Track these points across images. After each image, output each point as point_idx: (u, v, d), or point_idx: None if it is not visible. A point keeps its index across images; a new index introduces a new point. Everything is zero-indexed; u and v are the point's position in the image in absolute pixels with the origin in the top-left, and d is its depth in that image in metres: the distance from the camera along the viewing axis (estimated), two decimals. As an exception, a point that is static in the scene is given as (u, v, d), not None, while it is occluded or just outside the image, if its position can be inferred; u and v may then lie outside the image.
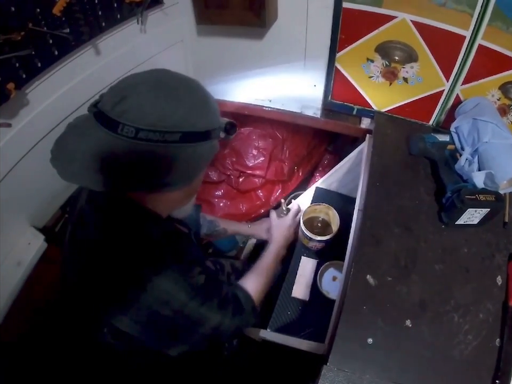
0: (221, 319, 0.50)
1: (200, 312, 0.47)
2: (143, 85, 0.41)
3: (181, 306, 0.45)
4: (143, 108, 0.39)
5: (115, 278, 0.44)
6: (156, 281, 0.43)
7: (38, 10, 0.54)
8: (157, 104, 0.40)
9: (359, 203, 0.69)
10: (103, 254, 0.45)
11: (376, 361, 0.49)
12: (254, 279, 0.66)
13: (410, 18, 0.68)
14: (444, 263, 0.59)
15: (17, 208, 0.65)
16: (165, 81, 0.42)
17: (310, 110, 0.91)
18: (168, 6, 0.77)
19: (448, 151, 0.69)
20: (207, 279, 0.50)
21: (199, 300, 0.47)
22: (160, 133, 0.39)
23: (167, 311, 0.44)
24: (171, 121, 0.40)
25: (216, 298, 0.50)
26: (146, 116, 0.39)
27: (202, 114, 0.44)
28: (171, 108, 0.40)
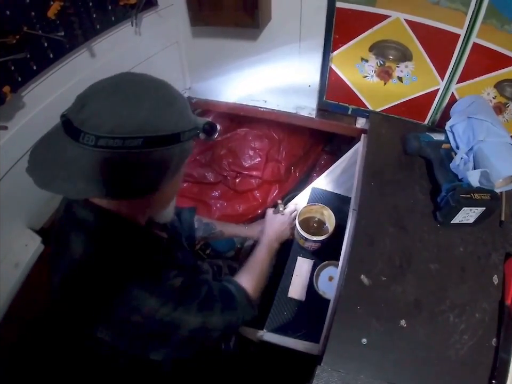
0: (202, 320, 0.49)
1: (173, 317, 0.46)
2: (102, 91, 0.40)
3: (150, 312, 0.45)
4: (101, 115, 0.38)
5: (90, 288, 0.44)
6: (126, 288, 0.44)
7: (32, 14, 0.54)
8: (115, 109, 0.39)
9: (353, 203, 0.68)
10: (78, 268, 0.45)
11: (371, 362, 0.48)
12: (247, 272, 0.66)
13: (404, 17, 0.68)
14: (439, 263, 0.58)
15: (14, 211, 0.66)
16: (124, 85, 0.41)
17: (305, 110, 0.91)
18: (163, 8, 0.77)
19: (443, 150, 0.69)
20: (184, 282, 0.49)
21: (171, 305, 0.46)
22: (120, 139, 0.38)
23: (137, 317, 0.44)
24: (131, 126, 0.39)
25: (195, 300, 0.50)
26: (105, 122, 0.38)
27: (166, 117, 0.42)
28: (130, 112, 0.39)
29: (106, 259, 0.44)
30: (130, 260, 0.45)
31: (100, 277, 0.44)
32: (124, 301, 0.44)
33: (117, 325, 0.45)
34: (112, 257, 0.45)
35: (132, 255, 0.46)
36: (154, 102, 0.41)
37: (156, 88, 0.42)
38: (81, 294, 0.45)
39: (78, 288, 0.45)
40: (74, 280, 0.45)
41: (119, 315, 0.44)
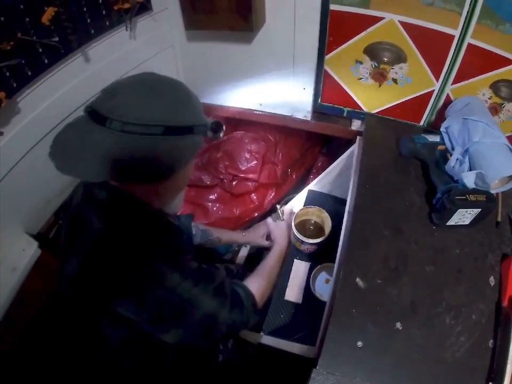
0: (216, 306, 0.51)
1: (193, 294, 0.49)
2: (130, 85, 0.46)
3: (173, 286, 0.47)
4: (129, 104, 0.43)
5: (114, 263, 0.47)
6: (150, 262, 0.46)
7: (27, 20, 0.54)
8: (142, 100, 0.44)
9: (349, 205, 0.68)
10: (102, 244, 0.48)
11: (366, 365, 0.48)
12: (257, 279, 0.67)
13: (398, 19, 0.68)
14: (435, 265, 0.58)
15: (11, 215, 0.66)
16: (149, 81, 0.47)
17: (301, 113, 0.91)
18: (157, 12, 0.77)
19: (439, 152, 0.69)
20: (199, 265, 0.53)
21: (191, 282, 0.49)
22: (145, 126, 0.43)
23: (160, 290, 0.47)
24: (155, 115, 0.44)
25: (210, 284, 0.52)
26: (132, 111, 0.43)
27: (184, 111, 0.48)
28: (155, 103, 0.44)
29: (129, 235, 0.47)
30: (151, 236, 0.49)
31: (123, 252, 0.47)
32: (148, 274, 0.46)
33: (140, 298, 0.47)
34: (134, 233, 0.48)
35: (152, 233, 0.49)
36: (174, 98, 0.47)
37: (175, 86, 0.49)
38: (106, 269, 0.47)
39: (102, 264, 0.47)
40: (97, 256, 0.47)
41: (143, 288, 0.46)
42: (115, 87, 0.46)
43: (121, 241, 0.47)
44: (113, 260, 0.47)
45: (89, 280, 0.49)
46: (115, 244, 0.47)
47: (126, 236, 0.47)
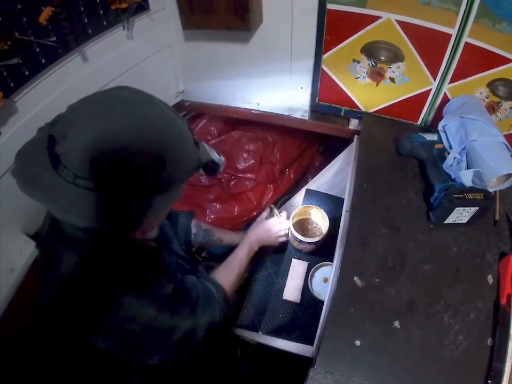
0: (193, 322, 0.51)
1: (170, 323, 0.48)
2: (89, 121, 0.36)
3: (148, 321, 0.46)
4: (84, 154, 0.35)
5: (86, 300, 0.45)
6: (122, 299, 0.44)
7: (24, 20, 0.54)
8: (99, 146, 0.35)
9: (346, 204, 0.68)
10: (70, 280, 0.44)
11: (364, 363, 0.48)
12: (226, 270, 0.69)
13: (395, 18, 0.68)
14: (433, 263, 0.58)
15: (8, 216, 0.66)
16: (116, 118, 0.36)
17: (298, 113, 0.91)
18: (154, 12, 0.78)
19: (436, 150, 0.69)
20: (175, 289, 0.50)
21: (168, 312, 0.47)
22: (100, 183, 0.36)
23: (135, 326, 0.45)
24: (114, 170, 0.36)
25: (186, 305, 0.51)
26: (87, 164, 0.35)
27: (161, 166, 0.37)
28: (116, 153, 0.35)
29: (99, 272, 0.44)
30: (123, 270, 0.46)
31: (94, 290, 0.44)
32: (121, 311, 0.44)
33: (115, 335, 0.46)
34: (105, 269, 0.45)
35: (124, 265, 0.46)
36: (147, 144, 0.37)
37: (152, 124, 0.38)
38: (75, 307, 0.45)
39: (71, 302, 0.45)
40: (66, 294, 0.45)
41: (117, 325, 0.45)
42: (72, 119, 0.37)
43: (91, 278, 0.44)
44: (83, 299, 0.44)
45: (61, 314, 0.47)
46: (85, 282, 0.44)
47: (96, 272, 0.44)
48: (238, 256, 0.75)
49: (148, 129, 0.38)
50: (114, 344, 0.47)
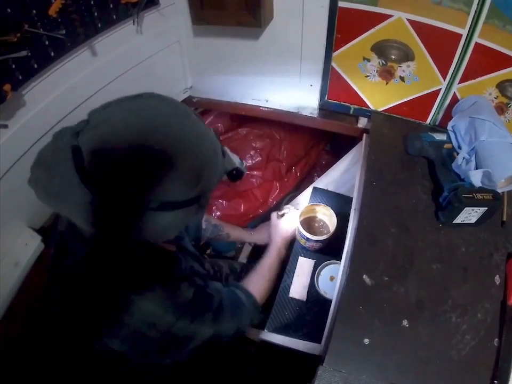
0: (215, 329, 0.50)
1: (189, 330, 0.47)
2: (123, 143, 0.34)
3: (168, 327, 0.45)
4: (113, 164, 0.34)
5: (102, 303, 0.44)
6: (140, 305, 0.44)
7: (34, 12, 0.54)
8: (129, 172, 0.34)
9: (355, 202, 0.68)
10: (88, 280, 0.44)
11: (373, 362, 0.48)
12: (256, 279, 0.67)
13: (406, 17, 0.68)
14: (441, 263, 0.58)
15: (14, 209, 0.66)
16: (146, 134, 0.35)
17: (307, 110, 0.91)
18: (164, 6, 0.77)
19: (445, 150, 0.69)
20: (196, 293, 0.49)
21: (188, 318, 0.47)
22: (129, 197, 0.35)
23: (154, 332, 0.45)
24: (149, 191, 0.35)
25: (209, 312, 0.50)
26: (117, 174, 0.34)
27: (194, 183, 0.37)
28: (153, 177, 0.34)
29: (119, 277, 0.44)
30: (143, 276, 0.45)
31: (110, 293, 0.43)
32: (140, 317, 0.43)
33: (132, 339, 0.45)
34: (125, 275, 0.44)
35: (143, 271, 0.45)
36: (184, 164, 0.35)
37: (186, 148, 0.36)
38: (91, 309, 0.44)
39: (86, 303, 0.44)
40: (81, 294, 0.44)
41: (136, 331, 0.44)
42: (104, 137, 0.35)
43: (109, 280, 0.43)
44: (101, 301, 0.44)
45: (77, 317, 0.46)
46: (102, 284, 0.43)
47: (115, 274, 0.43)
48: (268, 263, 0.74)
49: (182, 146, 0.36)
50: (131, 347, 0.46)
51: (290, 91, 0.89)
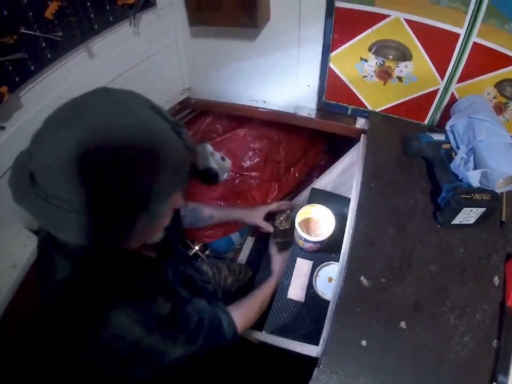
0: (187, 350, 0.48)
1: (160, 347, 0.45)
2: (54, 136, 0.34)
3: (136, 341, 0.44)
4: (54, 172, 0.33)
5: (75, 312, 0.43)
6: (111, 314, 0.42)
7: (30, 14, 0.54)
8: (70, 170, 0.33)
9: (353, 203, 0.68)
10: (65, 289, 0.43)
11: (370, 364, 0.48)
12: (245, 308, 0.65)
13: (403, 17, 0.68)
14: (440, 264, 0.58)
15: (12, 211, 0.65)
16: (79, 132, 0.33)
17: (305, 111, 0.91)
18: (161, 8, 0.77)
19: (444, 150, 0.69)
20: (173, 310, 0.47)
21: (158, 335, 0.45)
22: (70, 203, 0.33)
23: (123, 344, 0.43)
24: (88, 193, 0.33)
25: (183, 332, 0.48)
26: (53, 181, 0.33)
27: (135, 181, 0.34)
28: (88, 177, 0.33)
29: (91, 284, 0.43)
30: (115, 286, 0.44)
31: (85, 302, 0.43)
32: (110, 327, 0.42)
33: (102, 350, 0.44)
34: (96, 282, 0.43)
35: (117, 280, 0.44)
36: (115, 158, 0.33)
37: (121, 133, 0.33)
38: (66, 318, 0.44)
39: (62, 313, 0.44)
40: (60, 303, 0.44)
41: (105, 341, 0.43)
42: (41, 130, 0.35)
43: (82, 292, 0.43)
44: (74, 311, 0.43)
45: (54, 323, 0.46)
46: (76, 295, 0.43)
47: (88, 286, 0.42)
48: (261, 294, 0.72)
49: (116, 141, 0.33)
50: (102, 358, 0.45)
51: (288, 92, 0.89)
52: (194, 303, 0.54)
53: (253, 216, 0.86)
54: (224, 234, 1.18)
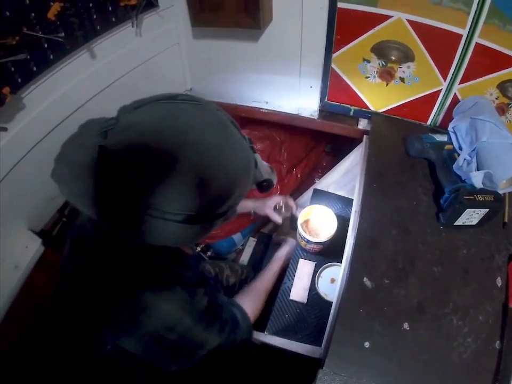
0: (220, 340, 0.50)
1: (202, 336, 0.47)
2: (151, 155, 0.33)
3: (185, 331, 0.45)
4: (141, 187, 0.33)
5: (121, 302, 0.44)
6: (161, 307, 0.43)
7: (32, 15, 0.54)
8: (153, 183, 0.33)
9: (356, 204, 0.68)
10: (107, 276, 0.43)
11: (373, 365, 0.48)
12: (253, 298, 0.66)
13: (406, 18, 0.67)
14: (442, 265, 0.58)
15: (14, 212, 0.66)
16: (181, 158, 0.33)
17: (307, 112, 0.91)
18: (163, 9, 0.77)
19: (446, 151, 0.69)
20: (209, 302, 0.49)
21: (203, 324, 0.47)
22: (161, 212, 0.33)
23: (172, 335, 0.44)
24: (177, 204, 0.34)
25: (218, 322, 0.50)
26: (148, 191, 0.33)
27: (224, 200, 0.36)
28: (182, 191, 0.33)
29: (138, 275, 0.43)
30: (163, 277, 0.45)
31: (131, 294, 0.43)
32: (159, 319, 0.43)
33: (148, 341, 0.45)
34: (144, 273, 0.43)
35: (164, 272, 0.45)
36: (211, 187, 0.34)
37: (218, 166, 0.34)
38: (106, 309, 0.44)
39: (105, 303, 0.44)
40: (97, 294, 0.44)
41: (153, 332, 0.44)
42: (135, 147, 0.33)
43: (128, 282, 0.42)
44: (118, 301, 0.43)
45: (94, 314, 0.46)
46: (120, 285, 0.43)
47: (134, 274, 0.42)
48: (266, 282, 0.73)
49: (214, 166, 0.35)
50: (145, 348, 0.46)
51: (290, 93, 0.89)
52: (219, 296, 0.57)
53: (264, 207, 0.86)
54: (226, 235, 1.18)
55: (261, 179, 0.43)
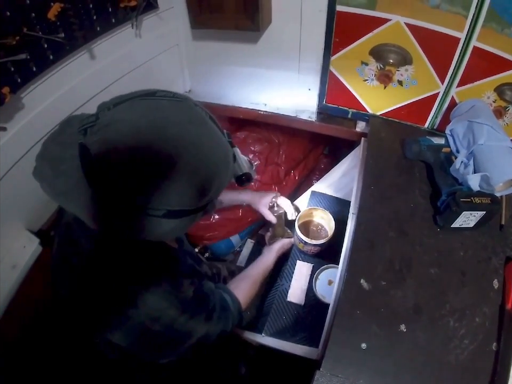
0: (207, 329, 0.51)
1: (188, 326, 0.48)
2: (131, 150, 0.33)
3: (170, 322, 0.46)
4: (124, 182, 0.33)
5: (106, 295, 0.44)
6: (146, 298, 0.44)
7: (33, 15, 0.54)
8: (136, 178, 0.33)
9: (353, 207, 0.68)
10: (94, 272, 0.44)
11: (370, 367, 0.48)
12: (244, 284, 0.67)
13: (404, 21, 0.68)
14: (440, 267, 0.58)
15: (12, 212, 0.66)
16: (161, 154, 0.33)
17: (305, 114, 0.91)
18: (163, 10, 0.77)
19: (444, 154, 0.69)
20: (195, 292, 0.50)
21: (188, 315, 0.48)
22: (142, 207, 0.34)
23: (158, 326, 0.45)
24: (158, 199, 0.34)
25: (204, 311, 0.51)
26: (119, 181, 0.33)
27: (203, 193, 0.37)
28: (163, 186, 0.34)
29: (126, 272, 0.44)
30: (148, 270, 0.45)
31: (116, 287, 0.44)
32: (145, 311, 0.44)
33: (135, 333, 0.45)
34: (129, 267, 0.44)
35: (149, 265, 0.46)
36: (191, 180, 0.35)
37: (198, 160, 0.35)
38: (94, 303, 0.45)
39: (91, 297, 0.45)
40: (87, 289, 0.45)
41: (140, 324, 0.44)
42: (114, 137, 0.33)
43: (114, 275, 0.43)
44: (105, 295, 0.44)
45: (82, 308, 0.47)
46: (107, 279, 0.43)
47: (118, 268, 0.43)
48: (260, 270, 0.74)
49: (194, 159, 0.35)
50: (133, 341, 0.47)
51: (288, 95, 0.89)
52: (206, 285, 0.57)
53: (259, 202, 0.86)
54: (224, 236, 1.18)
55: (239, 173, 0.44)
